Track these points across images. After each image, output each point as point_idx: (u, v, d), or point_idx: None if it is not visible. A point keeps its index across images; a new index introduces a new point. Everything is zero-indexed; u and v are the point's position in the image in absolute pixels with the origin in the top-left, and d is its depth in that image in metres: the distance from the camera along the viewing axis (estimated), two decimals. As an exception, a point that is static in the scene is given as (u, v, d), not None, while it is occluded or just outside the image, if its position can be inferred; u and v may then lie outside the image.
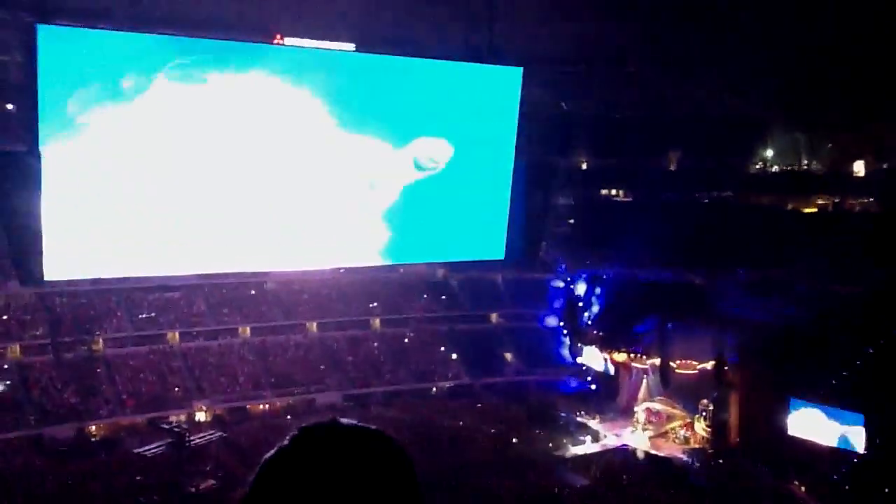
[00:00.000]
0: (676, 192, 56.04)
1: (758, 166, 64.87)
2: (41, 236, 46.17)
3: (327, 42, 48.36)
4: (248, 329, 50.90)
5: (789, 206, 58.98)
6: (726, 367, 44.35)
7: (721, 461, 41.57)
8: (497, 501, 34.37)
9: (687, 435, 45.58)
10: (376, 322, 54.50)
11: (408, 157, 51.67)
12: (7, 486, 34.65)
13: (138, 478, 36.66)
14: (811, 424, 39.87)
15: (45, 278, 46.56)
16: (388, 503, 1.90)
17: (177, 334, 49.01)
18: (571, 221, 60.07)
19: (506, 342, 55.39)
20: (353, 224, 52.56)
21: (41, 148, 42.50)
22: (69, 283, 45.91)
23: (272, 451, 1.97)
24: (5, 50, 42.71)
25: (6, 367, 44.00)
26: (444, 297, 56.81)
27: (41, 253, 46.36)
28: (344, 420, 2.06)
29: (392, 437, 2.03)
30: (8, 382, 43.17)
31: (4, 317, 45.51)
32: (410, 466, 2.00)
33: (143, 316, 48.49)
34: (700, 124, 56.51)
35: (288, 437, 1.98)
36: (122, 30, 43.19)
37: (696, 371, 46.41)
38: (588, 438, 45.77)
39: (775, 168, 64.80)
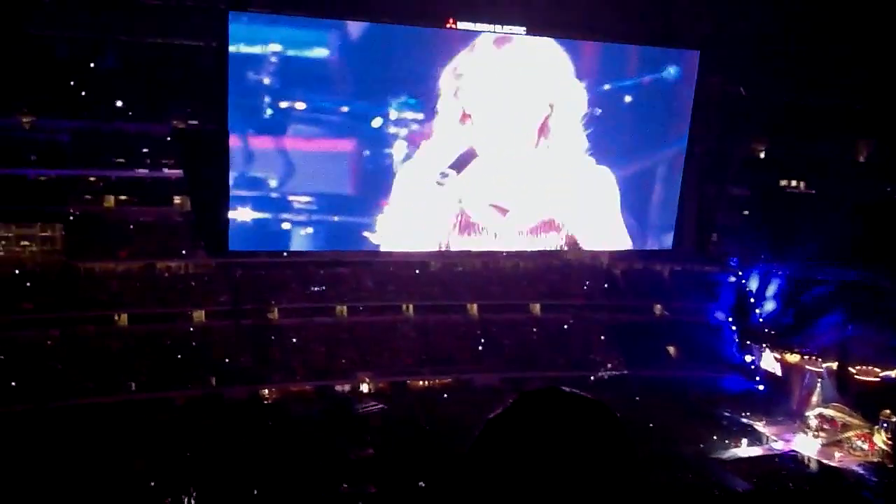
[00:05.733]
0: (866, 186, 51.93)
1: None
2: (227, 210, 49.59)
3: (498, 26, 48.50)
4: (411, 307, 52.32)
5: None
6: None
7: (903, 478, 38.52)
8: (651, 499, 33.58)
9: (864, 447, 42.49)
10: (536, 307, 54.42)
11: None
12: (186, 439, 37.63)
13: (304, 441, 38.79)
14: None
15: (229, 249, 50.23)
16: (603, 468, 1.92)
17: (345, 308, 51.14)
18: (746, 213, 57.23)
19: (669, 335, 53.70)
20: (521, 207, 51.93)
21: (230, 128, 45.44)
22: (250, 254, 49.09)
23: (495, 412, 2.04)
24: (199, 36, 45.84)
25: (191, 329, 47.65)
26: (606, 285, 55.84)
27: (227, 225, 49.89)
28: (564, 388, 2.10)
29: (609, 407, 2.05)
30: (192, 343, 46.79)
31: (192, 283, 49.24)
32: (626, 436, 2.01)
33: (315, 289, 50.94)
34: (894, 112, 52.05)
35: (510, 399, 2.04)
36: (307, 16, 45.70)
37: (878, 378, 43.14)
38: (753, 441, 43.73)
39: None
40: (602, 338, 52.95)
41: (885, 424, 42.11)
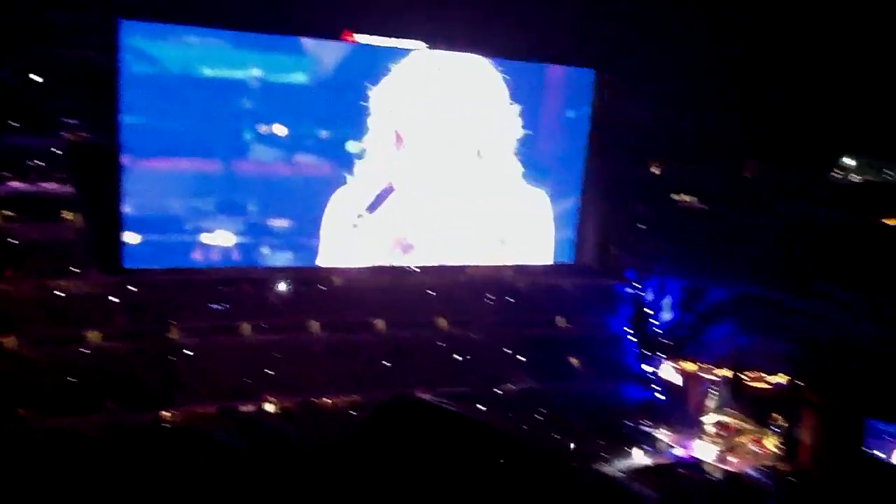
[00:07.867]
0: (753, 203, 54.46)
1: (840, 177, 62.55)
2: (121, 226, 47.87)
3: (397, 39, 48.42)
4: (317, 324, 51.57)
5: (882, 221, 56.40)
6: (800, 384, 43.03)
7: (794, 480, 40.31)
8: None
9: (757, 450, 44.38)
10: (443, 322, 54.55)
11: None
12: (84, 467, 35.91)
13: (208, 464, 37.59)
14: (888, 445, 38.37)
15: (125, 267, 48.38)
16: (468, 473, 1.88)
17: (249, 327, 49.96)
18: (643, 227, 59.10)
19: (572, 348, 54.73)
20: (427, 222, 52.14)
21: (121, 141, 43.99)
22: (147, 272, 47.44)
23: (357, 421, 1.96)
24: (90, 46, 44.20)
25: (87, 352, 45.57)
26: (511, 300, 56.51)
27: (120, 242, 48.12)
28: (426, 396, 2.05)
29: (473, 415, 2.01)
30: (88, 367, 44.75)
31: (86, 303, 47.12)
32: (496, 440, 1.97)
33: (217, 307, 49.58)
34: (780, 133, 54.87)
35: (372, 409, 1.98)
36: (200, 26, 44.67)
37: (768, 385, 45.18)
38: (655, 449, 44.95)
39: (859, 179, 62.37)
40: (508, 352, 53.48)
41: (775, 429, 44.18)
